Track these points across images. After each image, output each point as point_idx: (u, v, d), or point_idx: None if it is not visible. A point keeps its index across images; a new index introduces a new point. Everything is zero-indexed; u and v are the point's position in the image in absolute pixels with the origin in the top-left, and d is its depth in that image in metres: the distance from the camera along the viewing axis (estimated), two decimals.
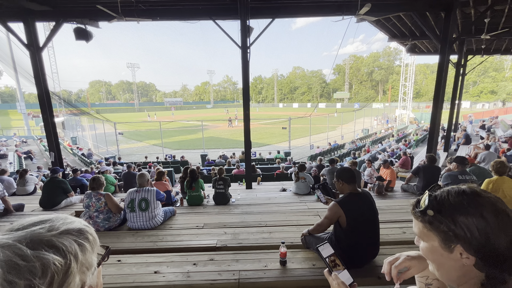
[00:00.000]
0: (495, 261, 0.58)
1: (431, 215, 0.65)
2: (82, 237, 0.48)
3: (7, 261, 0.37)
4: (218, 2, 6.21)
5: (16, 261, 0.38)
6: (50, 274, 0.39)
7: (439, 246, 0.65)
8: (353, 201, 2.26)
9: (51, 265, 0.40)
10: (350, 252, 2.20)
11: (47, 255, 0.40)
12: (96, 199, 3.48)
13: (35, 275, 0.38)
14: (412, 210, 0.72)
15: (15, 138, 22.92)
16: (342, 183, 2.34)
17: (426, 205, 0.67)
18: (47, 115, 6.84)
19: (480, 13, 6.89)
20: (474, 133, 14.58)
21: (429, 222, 0.65)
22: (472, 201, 0.62)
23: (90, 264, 0.48)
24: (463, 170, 4.49)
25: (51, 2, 6.24)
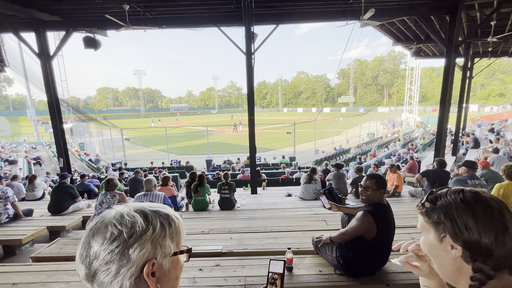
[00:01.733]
0: (481, 254, 0.61)
1: (428, 206, 0.70)
2: (166, 220, 0.59)
3: (121, 213, 0.56)
4: (223, 10, 6.32)
5: (125, 214, 0.55)
6: (133, 230, 0.53)
7: (433, 237, 0.68)
8: (383, 212, 2.08)
9: (137, 224, 0.54)
10: (365, 262, 2.13)
11: (138, 218, 0.55)
12: (111, 195, 3.65)
13: (127, 225, 0.53)
14: (417, 205, 0.76)
15: (25, 144, 23.43)
16: (381, 192, 2.08)
17: (428, 200, 0.71)
18: (56, 121, 7.00)
19: (486, 16, 6.84)
20: (483, 137, 14.31)
21: (426, 214, 0.70)
22: (468, 197, 0.65)
23: (163, 244, 0.56)
24: (473, 175, 4.41)
25: (62, 12, 6.45)
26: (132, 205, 0.59)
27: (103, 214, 0.57)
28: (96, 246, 0.52)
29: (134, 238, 0.52)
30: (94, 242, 0.52)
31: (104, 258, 0.51)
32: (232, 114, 54.35)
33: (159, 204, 0.63)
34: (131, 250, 0.52)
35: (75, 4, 5.97)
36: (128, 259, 0.51)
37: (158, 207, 0.60)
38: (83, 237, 0.55)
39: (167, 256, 0.57)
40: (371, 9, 5.41)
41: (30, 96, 27.18)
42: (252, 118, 6.62)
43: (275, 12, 6.48)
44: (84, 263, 0.53)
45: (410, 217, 3.99)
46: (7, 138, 27.30)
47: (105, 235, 0.52)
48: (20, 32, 6.53)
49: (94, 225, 0.55)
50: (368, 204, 2.13)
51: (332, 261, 2.35)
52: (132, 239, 0.52)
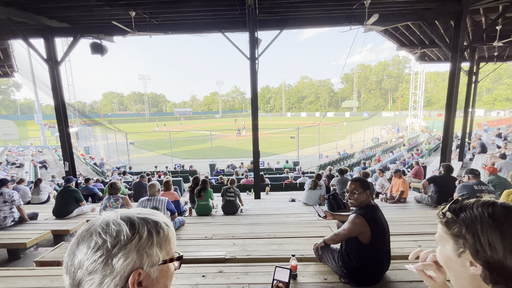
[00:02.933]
0: (504, 277, 0.56)
1: (449, 217, 0.65)
2: (154, 228, 0.56)
3: (106, 221, 0.54)
4: (227, 16, 6.40)
5: (109, 222, 0.54)
6: (118, 239, 0.52)
7: (451, 249, 0.64)
8: (374, 213, 2.11)
9: (122, 233, 0.52)
10: (368, 269, 2.10)
11: (124, 226, 0.53)
12: (114, 199, 3.67)
13: (110, 235, 0.52)
14: (437, 213, 0.72)
15: (32, 148, 23.76)
16: (367, 194, 2.14)
17: (450, 209, 0.67)
18: (63, 126, 7.09)
19: (492, 21, 6.80)
20: (490, 142, 14.10)
21: (446, 224, 0.65)
22: (497, 212, 0.59)
23: (150, 253, 0.55)
24: (479, 181, 4.33)
25: (70, 19, 6.59)
26: (120, 211, 0.57)
27: (91, 221, 0.55)
28: (80, 255, 0.50)
29: (118, 248, 0.51)
30: (78, 251, 0.51)
31: (88, 268, 0.50)
32: (235, 119, 54.53)
33: (150, 210, 0.61)
34: (115, 259, 0.50)
35: (83, 11, 6.09)
36: (112, 269, 0.50)
37: (148, 214, 0.58)
38: (70, 244, 0.54)
39: (154, 265, 0.55)
40: (375, 15, 5.41)
41: (37, 100, 27.67)
42: (255, 122, 6.63)
43: (279, 18, 6.53)
44: (68, 272, 0.52)
45: (417, 224, 3.92)
46: (14, 141, 27.74)
47: (89, 244, 0.51)
48: (29, 38, 6.68)
49: (80, 233, 0.54)
50: (358, 207, 2.17)
51: (335, 269, 2.33)
52: (116, 249, 0.51)
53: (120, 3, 5.60)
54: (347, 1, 5.74)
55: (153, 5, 5.80)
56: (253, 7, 5.59)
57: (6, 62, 9.29)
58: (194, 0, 5.59)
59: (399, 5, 6.14)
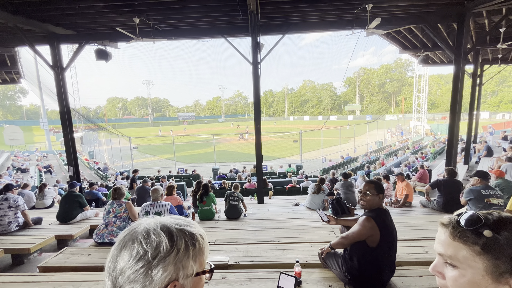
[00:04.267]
0: None
1: (489, 236, 0.54)
2: (191, 240, 0.57)
3: (147, 231, 0.55)
4: (230, 21, 6.45)
5: (151, 232, 0.54)
6: (158, 250, 0.53)
7: (484, 275, 0.54)
8: (385, 218, 2.06)
9: (162, 245, 0.53)
10: (373, 274, 2.06)
11: (163, 238, 0.54)
12: (117, 205, 3.66)
13: (151, 246, 0.53)
14: (452, 229, 0.59)
15: (37, 153, 24.03)
16: (380, 197, 2.09)
17: (481, 224, 0.56)
18: (67, 131, 7.16)
19: (495, 23, 6.76)
20: (496, 145, 13.91)
21: (483, 246, 0.54)
22: None
23: (185, 265, 0.56)
24: (487, 185, 4.25)
25: (76, 26, 6.71)
26: (159, 220, 0.58)
27: (133, 227, 0.57)
28: (122, 262, 0.52)
29: (158, 260, 0.52)
30: (121, 257, 0.53)
31: (129, 277, 0.51)
32: (238, 124, 54.72)
33: (187, 220, 0.62)
34: (155, 271, 0.52)
35: (88, 19, 6.20)
36: (151, 280, 0.52)
37: (185, 225, 0.59)
38: (113, 248, 0.56)
39: (189, 277, 0.56)
40: (377, 18, 5.42)
41: (43, 106, 28.08)
42: (258, 126, 6.63)
43: (281, 23, 6.57)
44: (110, 277, 0.53)
45: (423, 229, 3.85)
46: (20, 147, 28.08)
47: (132, 253, 0.52)
48: (35, 45, 6.80)
49: (123, 238, 0.55)
50: (369, 210, 2.12)
51: (339, 276, 2.29)
52: (156, 261, 0.52)
53: (124, 10, 5.69)
54: (349, 5, 5.76)
55: (157, 12, 5.88)
56: (255, 12, 5.63)
57: (13, 68, 9.46)
58: (197, 6, 5.65)
59: (401, 8, 6.14)
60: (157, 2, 5.37)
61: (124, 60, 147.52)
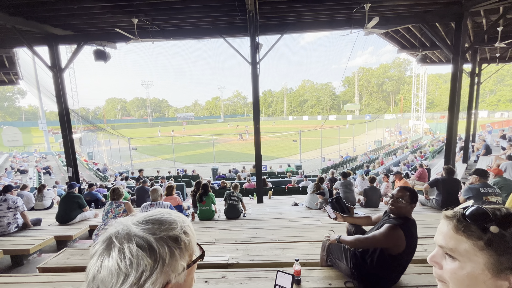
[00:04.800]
0: None
1: (495, 232, 0.54)
2: (176, 245, 0.54)
3: (120, 247, 0.50)
4: (228, 21, 6.46)
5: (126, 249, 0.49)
6: (141, 270, 0.49)
7: (484, 270, 0.54)
8: (413, 228, 1.97)
9: (143, 263, 0.49)
10: (382, 276, 2.05)
11: (143, 255, 0.50)
12: (116, 205, 3.64)
13: (131, 268, 0.48)
14: (456, 222, 0.58)
15: (36, 154, 23.97)
16: (410, 204, 1.97)
17: (488, 219, 0.56)
18: (66, 132, 7.15)
19: (492, 22, 6.79)
20: (495, 143, 13.96)
21: (488, 241, 0.54)
22: None
23: (175, 268, 0.53)
24: (485, 183, 4.27)
25: (74, 27, 6.69)
26: (134, 232, 0.52)
27: (103, 242, 0.51)
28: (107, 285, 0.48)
29: (143, 280, 0.49)
30: (103, 282, 0.48)
31: None
32: (237, 124, 54.74)
33: (166, 218, 0.57)
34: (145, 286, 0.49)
35: (87, 19, 6.19)
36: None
37: (164, 229, 0.55)
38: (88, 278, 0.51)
39: (180, 274, 0.54)
40: (375, 18, 5.43)
41: (42, 107, 28.01)
42: (257, 126, 6.63)
43: (280, 23, 6.58)
44: None
45: (422, 227, 3.84)
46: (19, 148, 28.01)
47: (113, 279, 0.48)
48: (34, 46, 6.78)
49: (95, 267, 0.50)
50: (396, 217, 2.01)
51: (344, 270, 2.25)
52: (142, 280, 0.49)
53: (123, 10, 5.68)
54: (347, 5, 5.78)
55: (155, 12, 5.88)
56: (253, 12, 5.64)
57: (11, 69, 9.43)
58: (196, 7, 5.65)
59: (399, 8, 6.16)
60: (155, 2, 5.37)
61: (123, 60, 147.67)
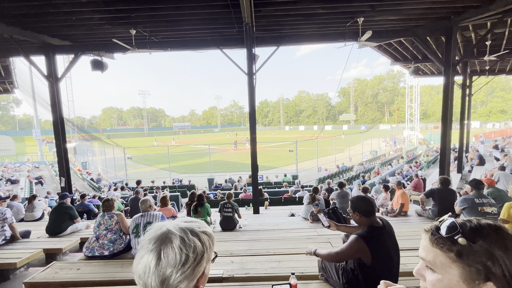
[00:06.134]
0: None
1: (463, 244, 0.57)
2: (211, 239, 0.74)
3: (181, 237, 0.67)
4: (225, 33, 6.58)
5: (185, 239, 0.67)
6: (196, 253, 0.67)
7: (459, 281, 0.56)
8: (376, 236, 1.96)
9: (198, 248, 0.68)
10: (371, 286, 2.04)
11: (197, 242, 0.68)
12: (108, 216, 3.56)
13: (191, 249, 0.66)
14: (430, 235, 0.63)
15: (28, 164, 23.54)
16: (359, 215, 2.02)
17: (456, 232, 0.59)
18: (60, 141, 7.06)
19: (481, 36, 7.04)
20: (488, 154, 14.15)
21: (458, 253, 0.57)
22: (509, 236, 0.56)
23: (209, 258, 0.73)
24: (480, 193, 4.29)
25: (72, 37, 6.74)
26: (186, 226, 0.70)
27: (160, 232, 0.68)
28: (169, 269, 0.63)
29: (197, 261, 0.67)
30: (163, 264, 0.63)
31: (177, 278, 0.64)
32: (236, 133, 54.81)
33: (196, 220, 0.76)
34: (196, 269, 0.67)
35: (85, 30, 6.25)
36: (194, 276, 0.67)
37: (202, 226, 0.74)
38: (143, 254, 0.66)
39: (209, 263, 0.74)
40: (368, 31, 5.59)
41: (36, 116, 27.78)
42: (254, 136, 6.64)
43: (276, 35, 6.72)
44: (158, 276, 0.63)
45: (419, 238, 3.81)
46: (11, 157, 27.52)
47: (176, 260, 0.64)
48: (31, 56, 6.79)
49: (155, 244, 0.65)
50: (362, 227, 2.04)
51: (337, 286, 2.24)
52: (196, 262, 0.67)
53: (121, 22, 5.76)
54: (341, 18, 5.94)
55: (153, 24, 5.97)
56: (250, 25, 5.76)
57: (7, 78, 9.40)
58: (193, 19, 5.76)
59: (391, 22, 6.36)
60: (153, 14, 5.46)
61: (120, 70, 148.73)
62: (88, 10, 5.18)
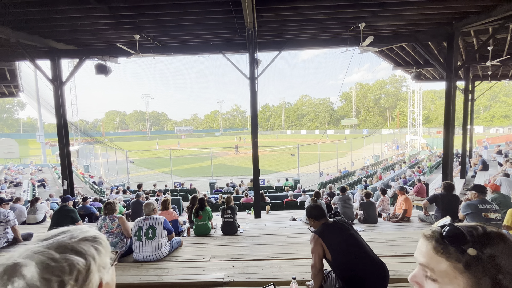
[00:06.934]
0: None
1: (473, 254, 0.53)
2: (97, 242, 0.59)
3: (42, 263, 0.48)
4: (228, 38, 6.65)
5: (49, 263, 0.49)
6: (76, 272, 0.50)
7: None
8: (327, 230, 2.24)
9: (76, 265, 0.51)
10: (357, 284, 2.05)
11: (72, 257, 0.51)
12: (110, 220, 3.57)
13: (64, 273, 0.49)
14: (435, 243, 0.58)
15: (31, 166, 23.69)
16: (312, 220, 2.39)
17: (465, 241, 0.55)
18: (63, 144, 7.12)
19: (483, 42, 7.05)
20: (491, 159, 14.03)
21: (466, 264, 0.53)
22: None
23: (105, 264, 0.59)
24: (484, 199, 4.25)
25: (77, 42, 6.85)
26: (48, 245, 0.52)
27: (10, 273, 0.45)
28: None
29: (82, 279, 0.50)
30: None
31: None
32: (239, 137, 54.92)
33: (70, 227, 0.59)
34: (85, 287, 0.51)
35: (89, 35, 6.35)
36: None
37: (80, 233, 0.57)
38: None
39: (107, 271, 0.59)
40: (370, 37, 5.62)
41: (40, 119, 28.05)
42: (255, 140, 6.65)
43: (278, 40, 6.79)
44: None
45: None
46: (14, 160, 27.74)
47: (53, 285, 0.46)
48: (36, 60, 6.90)
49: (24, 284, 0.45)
50: None
51: None
52: (81, 280, 0.50)
53: (125, 27, 5.85)
54: (342, 24, 5.99)
55: (157, 29, 6.06)
56: (252, 30, 5.82)
57: (12, 82, 9.53)
58: (196, 24, 5.83)
59: (393, 27, 6.40)
60: (157, 19, 5.55)
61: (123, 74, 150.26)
62: (94, 16, 5.27)
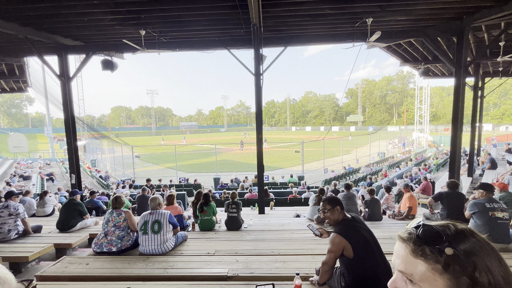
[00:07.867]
0: None
1: (450, 254, 0.52)
2: None
3: None
4: (233, 34, 6.62)
5: None
6: None
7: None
8: (350, 226, 2.16)
9: None
10: (367, 284, 2.04)
11: None
12: (116, 213, 3.63)
13: None
14: (413, 245, 0.57)
15: (40, 161, 24.17)
16: (340, 210, 2.24)
17: (442, 240, 0.55)
18: (71, 139, 7.24)
19: (494, 37, 6.87)
20: (500, 157, 13.78)
21: (445, 264, 0.52)
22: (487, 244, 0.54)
23: None
24: (491, 198, 4.19)
25: (83, 37, 6.91)
26: None
27: None
28: None
29: None
30: None
31: None
32: (244, 133, 54.99)
33: None
34: None
35: (96, 30, 6.39)
36: None
37: None
38: None
39: None
40: (377, 32, 5.53)
41: (48, 114, 28.48)
42: (260, 136, 6.66)
43: (284, 35, 6.72)
44: None
45: None
46: (23, 154, 28.31)
47: None
48: (44, 55, 6.99)
49: None
50: (335, 225, 2.25)
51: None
52: None
53: (131, 23, 5.86)
54: (349, 19, 5.90)
55: (162, 24, 6.06)
56: (258, 25, 5.78)
57: (21, 77, 9.68)
58: (201, 20, 5.81)
59: (401, 22, 6.27)
60: (163, 15, 5.55)
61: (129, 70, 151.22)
62: (100, 11, 5.30)
